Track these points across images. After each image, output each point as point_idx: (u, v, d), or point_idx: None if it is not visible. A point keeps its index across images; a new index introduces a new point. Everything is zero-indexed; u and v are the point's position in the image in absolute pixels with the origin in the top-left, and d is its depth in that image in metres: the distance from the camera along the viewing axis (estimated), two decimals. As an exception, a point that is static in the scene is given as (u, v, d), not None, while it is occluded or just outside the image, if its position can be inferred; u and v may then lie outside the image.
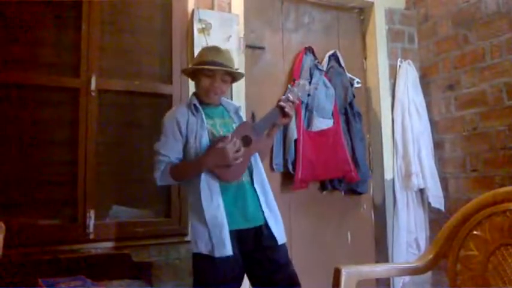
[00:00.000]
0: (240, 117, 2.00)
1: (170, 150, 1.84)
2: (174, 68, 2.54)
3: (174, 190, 2.47)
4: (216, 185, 1.79)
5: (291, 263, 1.90)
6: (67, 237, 2.21)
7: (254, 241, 1.84)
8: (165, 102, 2.54)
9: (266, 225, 1.85)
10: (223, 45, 2.52)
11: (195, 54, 2.48)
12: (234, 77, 1.99)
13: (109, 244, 2.27)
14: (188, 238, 2.44)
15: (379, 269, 1.64)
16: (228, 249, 1.73)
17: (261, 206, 1.86)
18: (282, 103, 1.87)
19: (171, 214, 2.45)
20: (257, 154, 1.94)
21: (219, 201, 1.78)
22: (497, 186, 2.62)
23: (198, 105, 1.89)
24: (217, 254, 1.73)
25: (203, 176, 1.79)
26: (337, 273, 1.36)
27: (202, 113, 1.87)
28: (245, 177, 1.87)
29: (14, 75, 2.23)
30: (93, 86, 2.32)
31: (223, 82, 1.90)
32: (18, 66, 2.25)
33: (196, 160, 1.81)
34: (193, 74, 1.97)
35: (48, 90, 2.31)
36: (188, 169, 1.85)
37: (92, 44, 2.36)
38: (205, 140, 1.83)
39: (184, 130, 1.84)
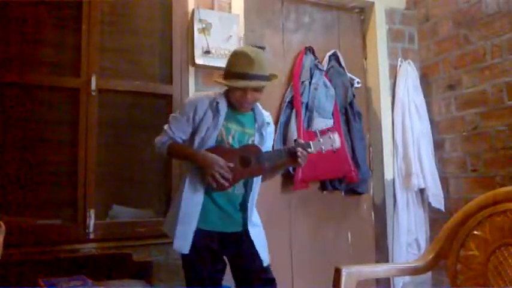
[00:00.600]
0: (263, 134, 1.90)
1: (178, 129, 1.86)
2: (174, 68, 2.55)
3: (174, 190, 2.47)
4: (202, 185, 1.81)
5: (269, 269, 1.90)
6: (67, 237, 2.21)
7: (234, 247, 1.86)
8: (165, 102, 2.55)
9: (248, 235, 1.85)
10: (223, 45, 2.54)
11: (195, 54, 2.48)
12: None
13: (109, 244, 2.27)
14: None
15: (380, 269, 1.64)
16: (185, 247, 1.76)
17: (246, 217, 1.86)
18: (298, 152, 1.77)
19: (171, 214, 2.45)
20: (259, 179, 1.91)
21: (200, 200, 1.80)
22: (498, 186, 2.61)
23: (220, 105, 1.83)
24: (183, 251, 1.77)
25: (193, 173, 1.82)
26: (337, 273, 1.36)
27: (222, 114, 1.82)
28: (238, 191, 1.86)
29: (15, 75, 2.23)
30: (93, 86, 2.32)
31: (255, 91, 1.81)
32: (18, 66, 2.25)
33: (192, 153, 1.82)
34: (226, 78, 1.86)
35: (49, 90, 2.31)
36: (184, 156, 1.92)
37: (92, 44, 2.36)
38: (212, 140, 1.81)
39: (198, 119, 1.83)
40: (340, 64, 3.05)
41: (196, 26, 2.52)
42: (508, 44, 2.66)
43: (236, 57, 1.83)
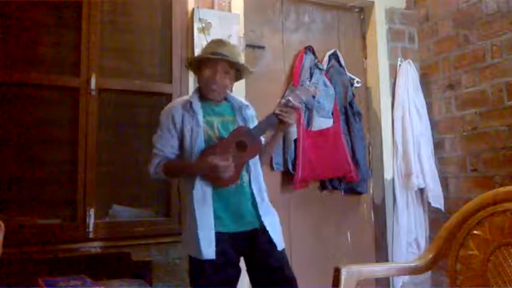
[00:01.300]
0: (244, 117, 1.89)
1: (165, 146, 1.83)
2: (174, 67, 2.54)
3: (173, 190, 2.46)
4: (209, 189, 1.78)
5: (287, 267, 1.85)
6: (67, 236, 2.21)
7: (249, 244, 1.82)
8: (164, 101, 2.53)
9: (263, 229, 1.81)
10: (223, 45, 2.53)
11: (195, 53, 2.48)
12: (239, 71, 1.92)
13: (109, 243, 2.27)
14: (188, 237, 2.45)
15: (379, 269, 1.64)
16: (210, 253, 1.72)
17: (257, 210, 1.83)
18: (277, 110, 1.77)
19: (170, 213, 2.45)
20: (257, 157, 1.88)
21: (210, 204, 1.77)
22: (498, 186, 2.62)
23: (194, 104, 1.83)
24: (204, 257, 1.72)
25: (198, 179, 1.78)
26: (336, 273, 1.36)
27: (198, 112, 1.82)
28: (243, 179, 1.83)
29: (14, 74, 2.22)
30: (93, 85, 2.32)
31: (225, 74, 1.83)
32: (18, 65, 2.24)
33: (188, 165, 1.81)
34: (197, 67, 1.90)
35: (48, 89, 2.31)
36: (181, 170, 1.87)
37: (92, 43, 2.36)
38: (200, 140, 1.79)
39: (179, 125, 1.82)
40: (340, 64, 3.05)
41: (196, 25, 2.52)
42: (507, 44, 2.66)
43: (210, 42, 1.92)
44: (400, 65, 3.17)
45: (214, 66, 1.82)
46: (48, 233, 2.17)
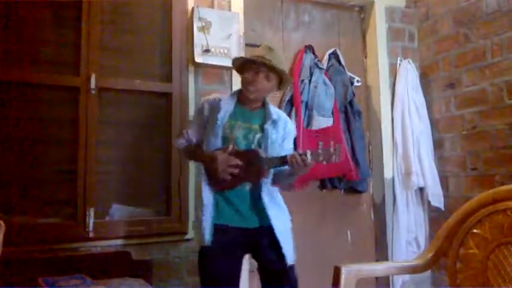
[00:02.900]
0: (268, 129, 1.87)
1: (192, 131, 1.99)
2: (174, 67, 2.54)
3: (174, 188, 2.47)
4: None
5: (292, 270, 1.88)
6: (67, 236, 2.21)
7: (254, 243, 1.87)
8: (164, 100, 2.54)
9: (268, 228, 1.84)
10: (222, 44, 2.54)
11: (195, 52, 2.49)
12: (281, 79, 1.91)
13: (109, 242, 2.27)
14: (188, 236, 2.45)
15: (379, 268, 1.64)
16: (207, 239, 1.80)
17: (266, 210, 1.85)
18: (290, 156, 1.76)
19: (170, 212, 2.45)
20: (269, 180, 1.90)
21: (212, 194, 1.86)
22: (498, 184, 2.61)
23: (222, 102, 1.89)
24: (204, 243, 1.81)
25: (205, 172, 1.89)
26: (337, 272, 1.36)
27: (224, 111, 1.86)
28: (245, 189, 1.87)
29: (14, 73, 2.22)
30: (93, 84, 2.32)
31: (266, 78, 1.85)
32: (18, 65, 2.24)
33: (201, 155, 1.93)
34: (241, 69, 1.94)
35: (48, 88, 2.31)
36: (194, 157, 2.08)
37: (92, 43, 2.36)
38: (217, 136, 1.85)
39: (206, 117, 1.93)
40: (340, 63, 3.04)
41: (196, 25, 2.51)
42: (508, 43, 2.66)
43: (258, 47, 1.96)
44: (400, 64, 3.17)
45: (256, 69, 1.84)
46: (48, 232, 2.17)
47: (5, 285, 1.78)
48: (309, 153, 1.75)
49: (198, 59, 2.50)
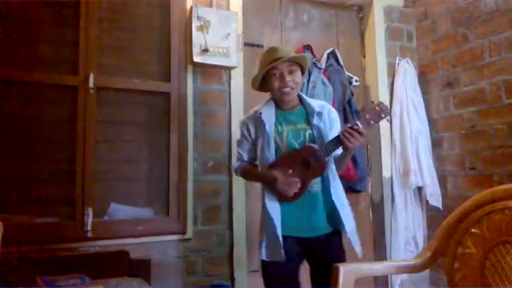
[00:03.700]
0: (316, 124, 1.85)
1: (243, 151, 1.97)
2: (173, 66, 2.54)
3: (172, 188, 2.47)
4: (276, 201, 1.84)
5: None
6: (65, 236, 2.21)
7: (317, 252, 1.86)
8: (163, 100, 2.54)
9: (339, 233, 1.88)
10: (221, 43, 2.54)
11: (194, 52, 2.48)
12: (301, 65, 1.88)
13: (107, 242, 2.27)
14: (186, 236, 2.45)
15: (377, 267, 1.65)
16: (279, 255, 1.77)
17: (340, 217, 1.86)
18: (341, 131, 1.74)
19: (169, 212, 2.46)
20: (333, 166, 1.88)
21: (278, 207, 1.82)
22: (496, 184, 2.62)
23: (263, 114, 1.87)
24: (270, 258, 1.80)
25: (268, 191, 1.85)
26: (335, 271, 1.36)
27: (267, 122, 1.85)
28: (315, 189, 1.85)
29: (12, 72, 2.22)
30: (91, 83, 2.32)
31: (291, 73, 1.83)
32: (16, 64, 2.24)
33: (258, 173, 1.92)
34: (264, 82, 1.90)
35: (46, 87, 2.31)
36: (252, 176, 2.01)
37: (90, 42, 2.36)
38: (270, 147, 1.83)
39: (253, 134, 1.92)
40: (338, 62, 3.04)
41: (195, 24, 2.51)
42: (506, 42, 2.66)
43: (261, 58, 1.91)
44: (398, 64, 3.17)
45: (278, 72, 1.83)
46: (46, 232, 2.17)
47: (4, 284, 1.78)
48: (357, 122, 1.73)
49: (197, 58, 2.49)
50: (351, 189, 3.01)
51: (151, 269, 2.24)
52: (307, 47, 2.92)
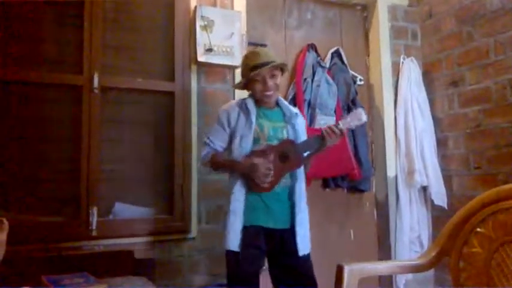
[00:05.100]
0: (294, 125, 1.98)
1: (215, 138, 1.97)
2: (177, 65, 2.55)
3: (177, 187, 2.47)
4: (245, 186, 1.89)
5: (310, 271, 1.93)
6: (70, 235, 2.22)
7: (279, 243, 1.90)
8: (167, 99, 2.54)
9: (293, 230, 1.90)
10: (225, 43, 2.54)
11: (198, 51, 2.48)
12: (282, 69, 1.99)
13: (112, 241, 2.28)
14: (190, 235, 2.45)
15: (382, 267, 1.64)
16: (234, 245, 1.83)
17: (293, 215, 1.91)
18: (324, 132, 1.86)
19: (173, 211, 2.46)
20: (302, 169, 1.97)
21: (243, 198, 1.88)
22: (501, 183, 2.60)
23: (249, 106, 1.94)
24: (231, 248, 1.84)
25: (238, 182, 1.89)
26: (339, 270, 1.36)
27: (252, 112, 1.92)
28: (284, 184, 1.92)
29: (17, 72, 2.23)
30: (95, 83, 2.33)
31: (273, 77, 1.92)
32: (21, 64, 2.25)
33: (232, 163, 1.93)
34: (247, 84, 1.99)
35: (51, 87, 2.32)
36: (225, 164, 1.99)
37: (95, 42, 2.36)
38: (249, 138, 1.89)
39: (233, 123, 1.94)
40: (342, 61, 3.04)
41: (199, 23, 2.51)
42: (511, 41, 2.65)
43: (244, 61, 1.99)
44: (403, 62, 3.16)
45: (260, 77, 1.90)
46: (51, 231, 2.18)
47: (9, 283, 1.78)
48: (340, 122, 1.88)
49: (201, 57, 2.50)
50: (355, 188, 3.01)
51: (156, 268, 2.25)
52: (311, 46, 2.92)
